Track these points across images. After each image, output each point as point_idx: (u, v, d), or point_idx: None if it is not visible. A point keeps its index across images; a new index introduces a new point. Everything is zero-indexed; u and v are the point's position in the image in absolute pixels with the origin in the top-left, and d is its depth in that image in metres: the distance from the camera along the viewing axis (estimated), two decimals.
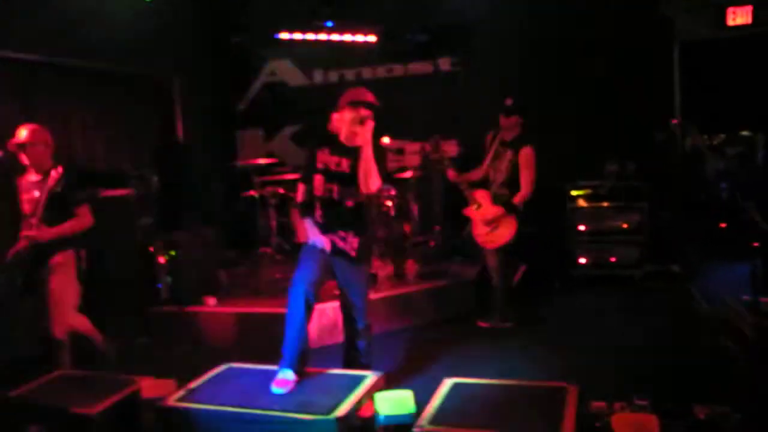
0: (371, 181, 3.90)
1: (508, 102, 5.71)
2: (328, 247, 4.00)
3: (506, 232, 5.62)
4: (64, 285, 4.53)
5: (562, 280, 7.05)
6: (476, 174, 5.86)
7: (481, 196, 5.72)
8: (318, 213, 4.07)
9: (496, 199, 5.68)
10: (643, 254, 7.05)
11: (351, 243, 4.04)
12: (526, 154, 5.63)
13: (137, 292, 6.07)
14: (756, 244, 5.95)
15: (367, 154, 3.88)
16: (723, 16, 6.81)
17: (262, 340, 5.23)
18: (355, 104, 3.96)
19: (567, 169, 7.13)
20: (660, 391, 3.60)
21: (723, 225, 6.52)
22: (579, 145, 7.13)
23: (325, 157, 4.07)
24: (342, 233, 4.04)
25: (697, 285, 5.98)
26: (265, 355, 4.17)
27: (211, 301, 6.08)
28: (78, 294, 4.63)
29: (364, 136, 3.90)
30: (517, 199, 5.60)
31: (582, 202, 7.21)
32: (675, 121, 7.09)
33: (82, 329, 4.64)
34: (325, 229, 4.05)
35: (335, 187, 4.04)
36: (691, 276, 6.30)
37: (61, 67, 6.66)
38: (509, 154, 5.68)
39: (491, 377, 3.88)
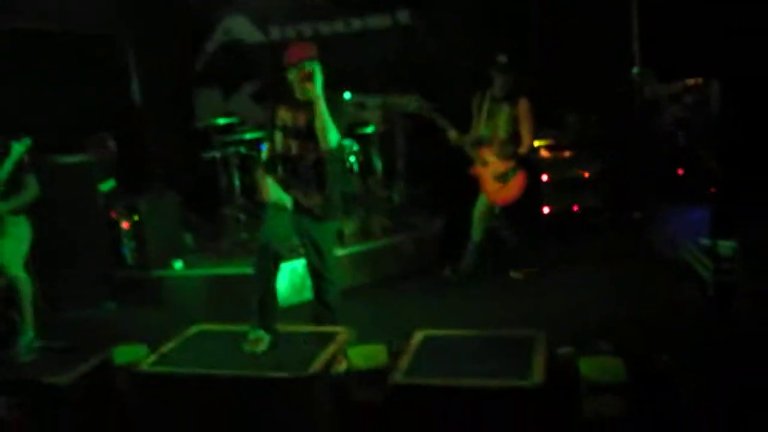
0: (328, 135, 3.87)
1: (503, 59, 5.64)
2: (290, 205, 4.00)
3: (518, 184, 5.60)
4: (13, 242, 4.44)
5: (527, 230, 7.10)
6: (471, 134, 5.78)
7: (487, 152, 5.71)
8: (279, 170, 4.05)
9: (503, 154, 5.66)
10: (605, 202, 7.14)
11: (314, 199, 4.03)
12: (524, 105, 5.61)
13: (101, 258, 6.00)
14: (713, 190, 6.09)
15: (319, 110, 3.85)
16: None
17: (231, 302, 5.24)
18: (294, 65, 3.90)
19: None
20: (623, 337, 3.69)
21: (680, 172, 6.63)
22: (540, 97, 7.14)
23: (283, 114, 4.04)
24: (304, 189, 4.03)
25: (658, 231, 6.10)
26: (235, 316, 4.17)
27: (177, 264, 6.04)
28: (25, 254, 4.54)
29: (313, 91, 3.85)
30: (523, 150, 5.61)
31: (544, 153, 7.26)
32: (634, 71, 7.15)
33: (18, 286, 4.52)
34: (287, 186, 4.03)
35: (295, 144, 4.01)
36: (652, 222, 6.41)
37: (9, 30, 6.42)
38: (506, 108, 5.65)
39: (461, 328, 3.94)
